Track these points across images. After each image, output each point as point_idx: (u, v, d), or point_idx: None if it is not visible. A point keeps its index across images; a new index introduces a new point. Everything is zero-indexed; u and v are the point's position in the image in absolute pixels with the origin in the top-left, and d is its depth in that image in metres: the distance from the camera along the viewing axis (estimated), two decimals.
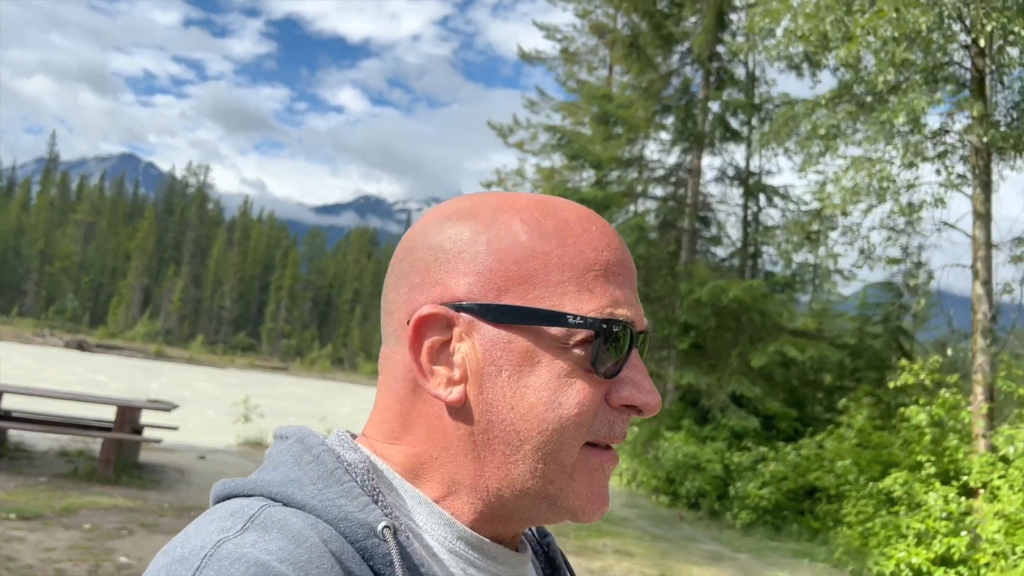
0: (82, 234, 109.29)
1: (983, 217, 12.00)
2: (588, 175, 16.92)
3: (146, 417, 11.50)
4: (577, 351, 0.62)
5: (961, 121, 12.42)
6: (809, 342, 14.04)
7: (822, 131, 12.09)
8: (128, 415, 9.61)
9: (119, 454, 9.56)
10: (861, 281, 18.58)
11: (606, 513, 0.65)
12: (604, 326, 0.62)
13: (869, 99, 11.98)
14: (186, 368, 53.43)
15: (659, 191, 17.91)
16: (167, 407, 10.19)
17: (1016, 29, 10.18)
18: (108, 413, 10.89)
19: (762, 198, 16.32)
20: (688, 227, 16.58)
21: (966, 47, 12.38)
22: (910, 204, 13.12)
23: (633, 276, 0.68)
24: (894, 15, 10.42)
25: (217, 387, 33.77)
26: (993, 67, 12.39)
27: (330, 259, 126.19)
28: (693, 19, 16.49)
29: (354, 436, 0.70)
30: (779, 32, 12.71)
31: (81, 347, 55.94)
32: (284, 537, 0.55)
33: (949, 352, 13.42)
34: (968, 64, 12.49)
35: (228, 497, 0.62)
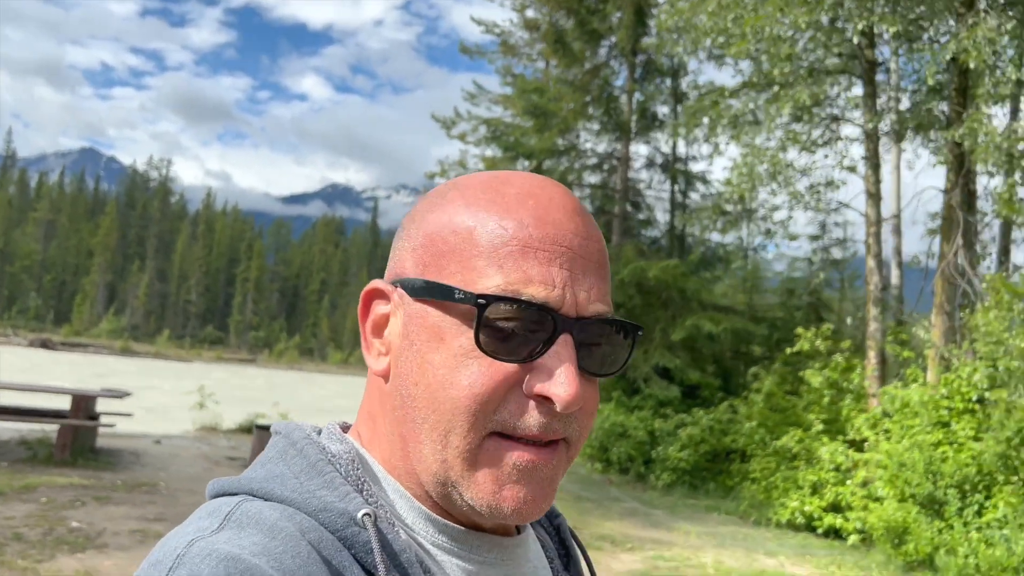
0: (42, 232, 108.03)
1: (873, 196, 13.10)
2: (525, 165, 17.87)
3: (103, 406, 12.25)
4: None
5: (850, 110, 13.51)
6: (725, 316, 15.12)
7: (724, 120, 13.11)
8: (82, 403, 10.41)
9: (75, 439, 10.35)
10: (791, 256, 19.77)
11: (531, 514, 0.61)
12: (482, 302, 0.58)
13: (766, 92, 13.00)
14: (152, 363, 53.65)
15: (593, 179, 18.89)
16: (120, 394, 10.99)
17: (887, 28, 11.24)
18: (66, 403, 11.62)
19: (686, 183, 17.32)
20: (619, 212, 17.58)
21: (858, 42, 13.43)
22: (811, 187, 14.22)
23: (582, 257, 0.62)
24: (779, 15, 11.43)
25: (181, 380, 34.29)
26: (882, 60, 13.48)
27: (296, 249, 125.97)
28: (619, 14, 17.43)
29: (347, 428, 0.70)
30: (690, 28, 13.68)
31: (45, 345, 55.89)
32: (259, 531, 0.55)
33: (848, 321, 14.58)
34: (859, 57, 13.57)
35: (217, 496, 0.63)
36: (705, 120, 13.53)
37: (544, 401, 0.60)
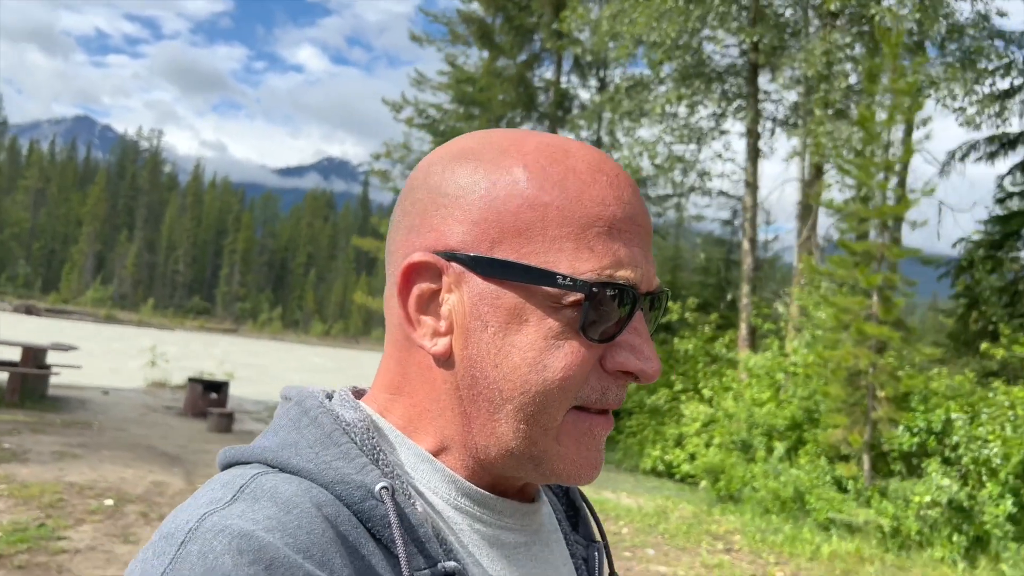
0: (32, 200, 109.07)
1: (751, 186, 14.69)
2: None
3: (59, 360, 13.85)
4: (569, 312, 0.59)
5: (730, 111, 15.06)
6: None
7: (620, 113, 14.64)
8: (32, 354, 11.99)
9: (24, 386, 11.94)
10: (705, 239, 21.35)
11: (596, 477, 0.64)
12: (595, 290, 0.59)
13: (654, 90, 14.52)
14: (132, 330, 55.19)
15: None
16: (66, 348, 12.59)
17: (745, 39, 12.77)
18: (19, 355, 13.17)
19: None
20: None
21: (741, 48, 14.96)
22: (702, 174, 15.79)
23: (645, 233, 0.63)
24: (654, 25, 12.95)
25: (152, 343, 35.86)
26: (764, 64, 15.00)
27: (285, 222, 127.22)
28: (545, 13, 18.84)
29: (361, 393, 0.70)
30: (595, 29, 15.15)
31: (29, 311, 57.37)
32: (273, 505, 0.54)
33: (728, 297, 16.23)
34: (743, 62, 15.11)
35: (229, 465, 0.62)
36: (606, 114, 15.05)
37: (624, 376, 0.62)
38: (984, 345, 10.47)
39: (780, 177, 53.90)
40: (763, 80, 14.92)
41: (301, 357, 42.74)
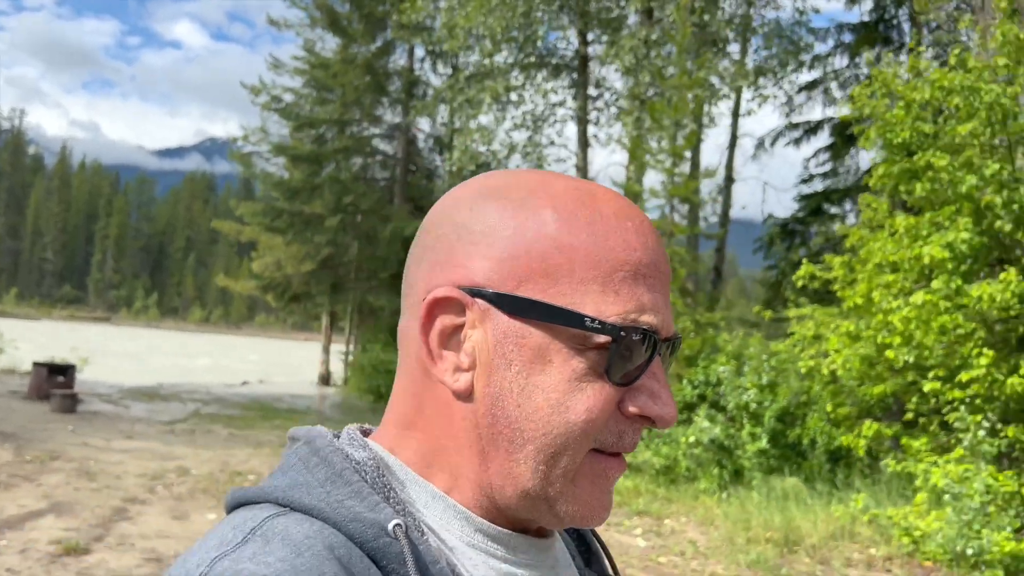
0: None
1: (581, 171, 15.89)
2: (311, 133, 19.80)
3: None
4: (593, 354, 0.60)
5: (563, 99, 16.22)
6: None
7: (457, 103, 15.54)
8: None
9: None
10: None
11: (606, 518, 0.65)
12: (623, 334, 0.59)
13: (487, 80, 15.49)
14: None
15: (388, 148, 21.11)
16: None
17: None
18: None
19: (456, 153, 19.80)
20: (400, 178, 19.88)
21: (569, 38, 16.05)
22: (539, 160, 16.90)
23: (666, 279, 0.64)
24: (481, 19, 13.88)
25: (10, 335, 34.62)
26: (592, 53, 16.19)
27: (163, 206, 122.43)
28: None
29: (367, 432, 0.70)
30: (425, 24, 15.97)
31: None
32: (285, 547, 0.54)
33: None
34: (573, 53, 16.25)
35: (239, 505, 0.62)
36: (444, 101, 15.93)
37: (641, 420, 0.62)
38: (755, 308, 12.03)
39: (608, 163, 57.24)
40: (600, 71, 16.14)
41: (171, 344, 42.00)
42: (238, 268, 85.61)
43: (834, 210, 17.23)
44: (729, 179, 16.54)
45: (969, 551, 6.49)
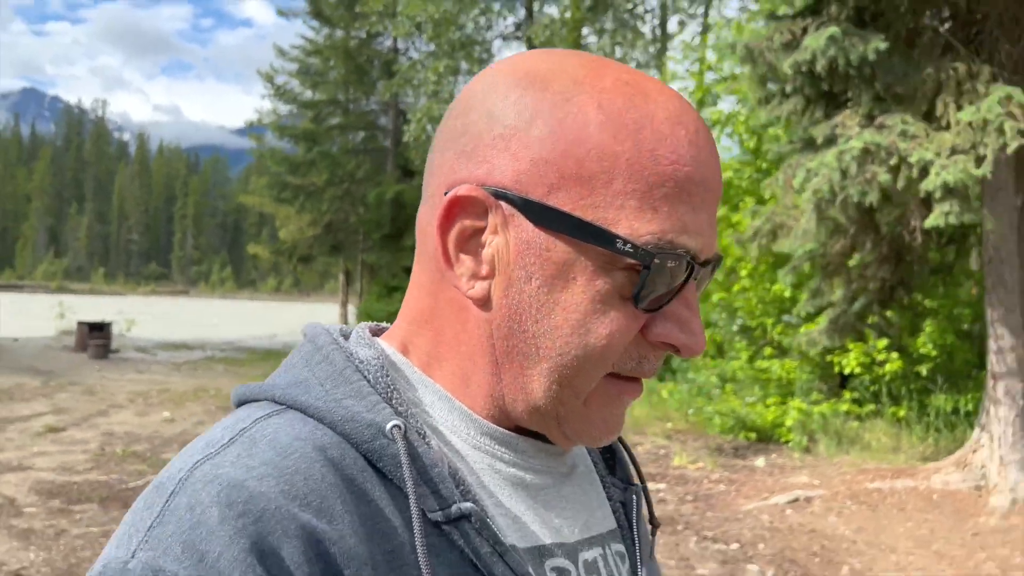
0: None
1: None
2: (307, 115, 22.42)
3: None
4: (621, 275, 0.56)
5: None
6: None
7: (415, 81, 17.68)
8: None
9: None
10: None
11: (615, 439, 0.63)
12: (657, 260, 0.55)
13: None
14: (82, 298, 57.83)
15: (386, 121, 23.54)
16: None
17: None
18: None
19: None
20: (391, 148, 22.28)
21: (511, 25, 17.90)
22: None
23: (715, 198, 0.59)
24: (422, 7, 15.89)
25: (95, 309, 38.83)
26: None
27: (236, 183, 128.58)
28: None
29: (381, 331, 0.67)
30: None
31: None
32: (270, 449, 0.52)
33: None
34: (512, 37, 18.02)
35: (242, 402, 0.61)
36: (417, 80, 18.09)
37: (665, 347, 0.59)
38: None
39: None
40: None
41: (234, 311, 45.91)
42: None
43: None
44: None
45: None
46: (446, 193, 0.57)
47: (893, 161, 5.36)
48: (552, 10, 17.04)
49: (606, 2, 15.53)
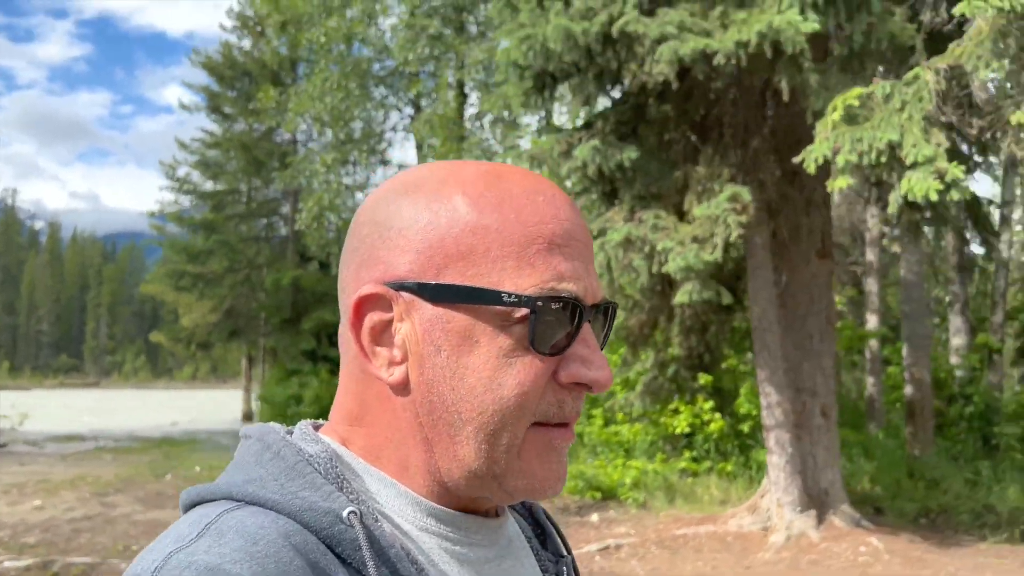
0: None
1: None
2: (203, 210, 23.22)
3: None
4: (518, 328, 0.61)
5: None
6: None
7: (307, 172, 18.59)
8: None
9: None
10: None
11: (560, 488, 0.66)
12: (540, 304, 0.61)
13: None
14: None
15: (285, 208, 24.28)
16: None
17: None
18: None
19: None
20: (290, 234, 23.01)
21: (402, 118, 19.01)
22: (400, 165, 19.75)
23: (585, 248, 0.65)
24: (313, 103, 16.89)
25: None
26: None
27: (152, 271, 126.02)
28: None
29: (318, 427, 0.70)
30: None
31: None
32: (240, 538, 0.55)
33: None
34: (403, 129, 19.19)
35: (194, 504, 0.63)
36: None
37: (578, 387, 0.63)
38: None
39: None
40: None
41: (142, 401, 45.09)
42: None
43: None
44: None
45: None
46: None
47: (647, 249, 6.41)
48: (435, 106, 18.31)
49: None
